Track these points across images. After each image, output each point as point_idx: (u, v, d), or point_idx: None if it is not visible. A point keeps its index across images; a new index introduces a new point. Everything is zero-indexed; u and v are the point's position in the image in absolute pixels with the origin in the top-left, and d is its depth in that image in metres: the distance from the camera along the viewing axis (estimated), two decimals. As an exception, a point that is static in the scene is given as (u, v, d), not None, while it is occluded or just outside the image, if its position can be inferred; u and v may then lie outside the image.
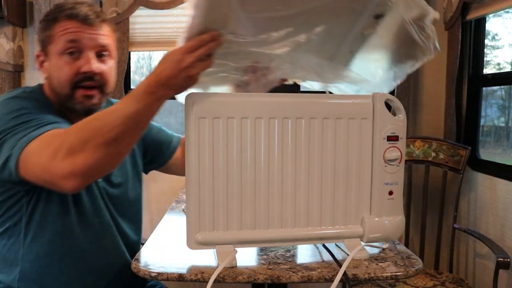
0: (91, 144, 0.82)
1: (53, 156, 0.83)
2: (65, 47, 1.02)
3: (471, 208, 2.03)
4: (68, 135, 0.85)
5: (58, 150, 0.83)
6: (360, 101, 0.96)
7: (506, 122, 2.30)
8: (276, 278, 0.87)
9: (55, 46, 1.03)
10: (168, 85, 0.84)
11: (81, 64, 1.02)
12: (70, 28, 1.01)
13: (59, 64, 1.03)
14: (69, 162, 0.82)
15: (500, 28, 2.14)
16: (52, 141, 0.85)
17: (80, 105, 1.04)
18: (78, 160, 0.82)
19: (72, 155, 0.82)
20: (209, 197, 0.91)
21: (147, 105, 0.85)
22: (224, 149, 0.91)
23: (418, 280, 1.74)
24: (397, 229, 0.99)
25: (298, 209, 0.95)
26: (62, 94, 1.04)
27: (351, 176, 0.97)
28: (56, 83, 1.04)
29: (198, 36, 0.83)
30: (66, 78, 1.02)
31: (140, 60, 2.39)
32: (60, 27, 1.02)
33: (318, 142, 0.95)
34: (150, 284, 1.29)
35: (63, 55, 1.02)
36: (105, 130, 0.83)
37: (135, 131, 0.87)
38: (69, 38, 1.01)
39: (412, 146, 2.02)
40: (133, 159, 1.23)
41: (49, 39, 1.03)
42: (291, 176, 0.94)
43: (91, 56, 1.03)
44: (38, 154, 0.86)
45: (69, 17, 1.02)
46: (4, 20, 2.00)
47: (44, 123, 0.92)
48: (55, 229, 1.03)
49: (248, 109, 0.91)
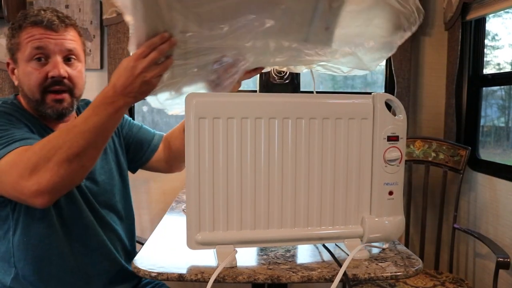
0: (54, 161, 0.85)
1: (19, 176, 0.86)
2: (32, 54, 1.03)
3: (471, 208, 2.03)
4: (32, 153, 0.87)
5: (24, 169, 0.86)
6: (360, 101, 0.96)
7: (506, 122, 2.30)
8: (276, 278, 0.87)
9: (22, 53, 1.04)
10: (125, 93, 0.86)
11: (48, 69, 1.04)
12: (36, 35, 1.03)
13: (28, 71, 1.04)
14: (35, 181, 0.85)
15: (500, 28, 2.14)
16: (18, 160, 0.88)
17: (51, 110, 1.06)
18: (42, 178, 0.85)
19: (37, 173, 0.85)
20: (209, 197, 0.91)
21: (107, 116, 0.87)
22: (224, 149, 0.91)
23: (418, 280, 1.74)
24: (397, 229, 0.99)
25: (298, 209, 0.95)
26: (33, 100, 1.06)
27: (351, 176, 0.97)
28: (26, 89, 1.06)
29: (147, 41, 0.84)
30: (35, 84, 1.04)
31: (140, 60, 2.38)
32: (26, 34, 1.04)
33: (318, 142, 0.95)
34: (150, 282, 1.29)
35: (31, 61, 1.04)
36: (67, 147, 0.86)
37: (98, 143, 0.90)
38: (35, 45, 1.03)
39: (412, 146, 2.02)
40: (117, 157, 1.23)
41: (16, 46, 1.05)
42: (291, 176, 0.94)
43: (58, 61, 1.05)
44: (6, 173, 0.89)
45: (33, 24, 1.03)
46: (4, 20, 2.00)
47: (12, 140, 0.93)
48: (39, 233, 1.04)
49: (248, 109, 0.91)
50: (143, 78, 0.85)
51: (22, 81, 1.06)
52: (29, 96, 1.06)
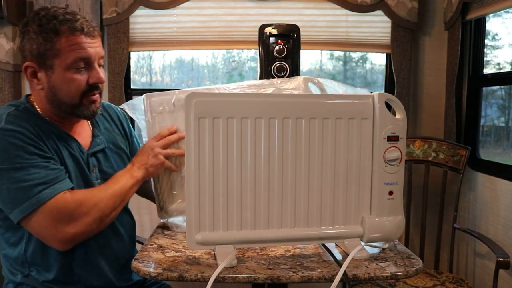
0: (91, 217, 1.01)
1: (58, 221, 0.99)
2: (75, 63, 1.03)
3: (471, 208, 2.03)
4: (74, 204, 1.00)
5: (64, 216, 0.99)
6: (360, 101, 0.96)
7: (506, 122, 2.30)
8: (276, 278, 0.87)
9: (62, 60, 1.02)
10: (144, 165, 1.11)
11: (89, 76, 1.06)
12: (80, 44, 1.03)
13: (68, 77, 1.04)
14: (71, 229, 1.00)
15: (500, 28, 2.14)
16: (54, 212, 0.98)
17: (88, 111, 1.09)
18: (78, 229, 1.00)
19: (75, 223, 1.00)
20: (209, 197, 0.91)
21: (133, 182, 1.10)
22: (224, 149, 0.91)
23: (418, 280, 1.74)
24: (397, 229, 0.99)
25: (298, 209, 0.95)
26: (69, 104, 1.07)
27: (351, 176, 0.97)
28: (63, 95, 1.05)
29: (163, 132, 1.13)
30: (76, 91, 1.06)
31: (140, 60, 2.38)
32: (67, 41, 1.02)
33: (318, 142, 0.95)
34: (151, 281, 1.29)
35: (71, 69, 1.04)
36: (102, 205, 1.03)
37: (118, 208, 1.08)
38: (81, 55, 1.03)
39: (412, 146, 2.02)
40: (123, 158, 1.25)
41: (54, 52, 1.02)
42: (291, 176, 0.94)
43: (98, 69, 1.08)
44: (39, 223, 0.99)
45: (73, 30, 1.02)
46: (4, 20, 2.00)
47: (39, 182, 0.98)
48: None
49: (248, 109, 0.91)
50: (152, 153, 1.10)
51: (58, 87, 1.04)
52: (63, 101, 1.06)
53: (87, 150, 1.13)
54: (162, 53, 2.38)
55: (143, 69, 2.42)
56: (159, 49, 2.21)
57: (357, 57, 2.45)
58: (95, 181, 1.12)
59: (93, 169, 1.13)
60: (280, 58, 1.61)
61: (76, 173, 1.09)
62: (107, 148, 1.19)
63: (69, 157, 1.08)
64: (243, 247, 1.01)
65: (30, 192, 0.97)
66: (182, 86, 2.40)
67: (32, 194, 0.97)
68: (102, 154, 1.17)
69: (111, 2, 2.02)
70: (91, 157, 1.14)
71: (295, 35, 1.62)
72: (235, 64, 2.41)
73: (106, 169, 1.16)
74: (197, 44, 2.15)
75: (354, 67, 2.49)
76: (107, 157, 1.18)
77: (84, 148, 1.13)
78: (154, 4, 2.05)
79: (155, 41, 2.14)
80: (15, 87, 2.09)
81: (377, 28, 2.15)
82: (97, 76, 1.07)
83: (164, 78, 2.45)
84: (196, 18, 2.12)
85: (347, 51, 2.34)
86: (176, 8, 2.09)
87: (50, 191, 0.98)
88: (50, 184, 0.99)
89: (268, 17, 2.09)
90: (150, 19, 2.13)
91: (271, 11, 2.12)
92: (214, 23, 2.12)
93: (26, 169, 0.98)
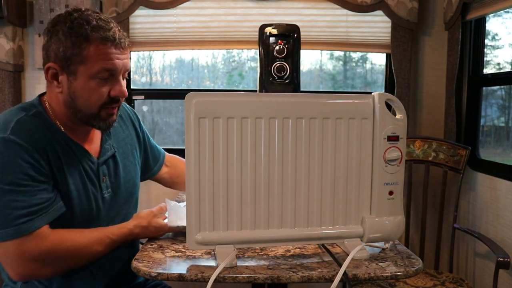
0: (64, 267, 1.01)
1: (18, 262, 0.96)
2: (100, 73, 1.00)
3: (471, 208, 2.02)
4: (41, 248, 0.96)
5: (27, 258, 0.95)
6: (360, 101, 0.96)
7: (506, 122, 2.30)
8: (276, 278, 0.87)
9: (88, 69, 0.99)
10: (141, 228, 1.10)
11: (111, 88, 1.03)
12: (108, 54, 1.00)
13: (90, 87, 1.01)
14: (30, 269, 0.97)
15: (500, 28, 2.14)
16: (25, 248, 0.95)
17: (104, 123, 1.06)
18: (39, 272, 0.99)
19: (38, 265, 0.97)
20: (209, 197, 0.91)
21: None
22: (224, 149, 0.91)
23: (418, 280, 1.74)
24: (397, 229, 0.99)
25: (298, 209, 0.95)
26: (87, 114, 1.04)
27: (351, 176, 0.97)
28: (82, 103, 1.02)
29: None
30: (96, 101, 1.02)
31: (140, 60, 2.38)
32: (96, 49, 0.98)
33: (318, 142, 0.95)
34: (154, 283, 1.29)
35: (95, 78, 1.00)
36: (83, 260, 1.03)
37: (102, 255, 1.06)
38: (107, 66, 1.00)
39: (412, 146, 2.02)
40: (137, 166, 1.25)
41: (80, 58, 0.98)
42: (291, 176, 0.94)
43: (122, 82, 1.05)
44: (6, 253, 0.96)
45: (104, 40, 0.99)
46: (4, 20, 2.00)
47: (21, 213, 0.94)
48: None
49: (248, 109, 0.91)
50: (154, 224, 1.10)
51: (78, 94, 1.01)
52: (81, 109, 1.03)
53: (97, 158, 1.10)
54: (162, 53, 2.38)
55: (143, 69, 2.42)
56: (159, 49, 2.21)
57: (357, 57, 2.45)
58: (105, 190, 1.10)
59: (103, 179, 1.11)
60: (280, 58, 1.61)
61: (84, 186, 1.06)
62: (117, 152, 1.16)
63: (76, 171, 1.05)
64: (243, 247, 1.01)
65: (9, 221, 0.93)
66: (182, 86, 2.41)
67: (11, 224, 0.93)
68: (112, 161, 1.14)
69: (111, 2, 2.02)
70: (102, 166, 1.11)
71: (295, 35, 1.61)
72: (235, 64, 2.41)
73: (117, 176, 1.14)
74: (197, 44, 2.15)
75: (354, 67, 2.49)
76: (117, 163, 1.15)
77: (94, 158, 1.09)
78: (154, 4, 2.05)
79: (155, 41, 2.14)
80: (15, 87, 2.08)
81: (377, 28, 2.15)
82: (120, 89, 1.03)
83: (164, 78, 2.45)
84: (196, 18, 2.12)
85: (347, 51, 2.34)
86: (176, 8, 2.09)
87: (29, 225, 0.94)
88: (32, 216, 0.95)
89: (268, 17, 2.09)
90: (150, 19, 2.13)
91: (271, 11, 2.12)
92: (214, 23, 2.12)
93: (13, 194, 0.94)
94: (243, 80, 2.40)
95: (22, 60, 2.13)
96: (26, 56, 2.15)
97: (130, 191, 1.20)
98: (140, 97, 2.19)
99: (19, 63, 2.11)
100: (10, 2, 1.97)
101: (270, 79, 1.60)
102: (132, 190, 1.21)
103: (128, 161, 1.20)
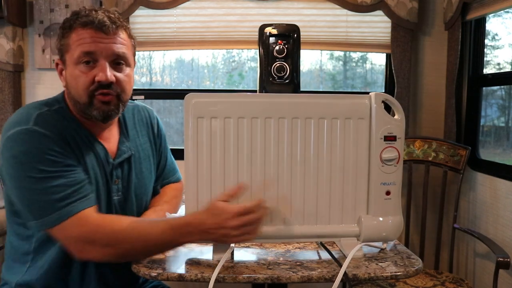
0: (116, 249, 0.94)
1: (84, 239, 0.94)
2: (80, 58, 1.00)
3: (471, 208, 2.02)
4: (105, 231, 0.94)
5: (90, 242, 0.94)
6: (356, 101, 0.96)
7: (506, 122, 2.30)
8: (276, 278, 0.87)
9: (71, 56, 1.01)
10: (204, 234, 0.91)
11: (96, 73, 1.00)
12: (86, 38, 0.99)
13: (75, 74, 1.01)
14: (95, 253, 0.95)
15: (500, 28, 2.14)
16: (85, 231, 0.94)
17: (97, 112, 1.02)
18: (92, 254, 0.95)
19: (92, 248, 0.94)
20: (207, 195, 0.92)
21: (178, 242, 0.95)
22: (222, 148, 0.91)
23: (418, 280, 1.74)
24: (394, 229, 0.98)
25: (294, 208, 0.95)
26: (80, 103, 1.03)
27: (348, 175, 0.97)
28: (73, 92, 1.03)
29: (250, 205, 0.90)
30: (82, 88, 1.01)
31: (140, 60, 2.38)
32: (76, 36, 1.00)
33: (314, 142, 0.95)
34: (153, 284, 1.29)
35: (79, 65, 1.00)
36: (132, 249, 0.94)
37: (153, 254, 0.98)
38: (85, 49, 0.99)
39: (412, 146, 2.02)
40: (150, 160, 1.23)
41: (66, 47, 1.02)
42: (287, 175, 0.94)
43: (106, 66, 1.01)
44: (68, 237, 0.95)
45: (84, 25, 0.99)
46: (4, 20, 2.00)
47: (61, 196, 0.94)
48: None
49: (245, 109, 0.92)
50: (225, 231, 0.89)
51: (69, 83, 1.03)
52: (76, 99, 1.03)
53: (113, 159, 1.09)
54: (162, 53, 2.38)
55: (143, 69, 2.42)
56: (159, 49, 2.21)
57: (357, 57, 2.45)
58: (115, 193, 1.09)
59: (116, 181, 1.09)
60: (280, 58, 1.61)
61: (98, 184, 1.05)
62: (133, 156, 1.14)
63: (94, 166, 1.04)
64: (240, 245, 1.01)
65: (52, 206, 0.93)
66: (182, 86, 2.41)
67: (55, 209, 0.93)
68: (127, 164, 1.12)
69: (111, 2, 2.02)
70: (116, 168, 1.09)
71: (295, 35, 1.61)
72: (235, 64, 2.41)
73: (129, 180, 1.12)
74: (197, 44, 2.15)
75: (354, 67, 2.49)
76: (131, 167, 1.13)
77: (110, 158, 1.08)
78: (154, 4, 2.05)
79: (155, 41, 2.14)
80: (15, 87, 2.09)
81: (377, 28, 2.15)
82: (103, 74, 1.00)
83: (164, 78, 2.45)
84: (196, 18, 2.12)
85: (347, 51, 2.34)
86: (176, 8, 2.09)
87: (72, 207, 0.94)
88: (73, 198, 0.95)
89: (268, 17, 2.09)
90: (150, 19, 2.13)
91: (271, 11, 2.12)
92: (214, 23, 2.12)
93: (48, 181, 0.94)
94: (243, 80, 2.40)
95: (22, 60, 2.13)
96: (26, 56, 2.15)
97: (141, 198, 1.17)
98: (140, 97, 2.19)
99: (19, 63, 2.11)
100: (10, 2, 1.97)
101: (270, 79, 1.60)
102: (143, 196, 1.18)
103: (144, 166, 1.18)
